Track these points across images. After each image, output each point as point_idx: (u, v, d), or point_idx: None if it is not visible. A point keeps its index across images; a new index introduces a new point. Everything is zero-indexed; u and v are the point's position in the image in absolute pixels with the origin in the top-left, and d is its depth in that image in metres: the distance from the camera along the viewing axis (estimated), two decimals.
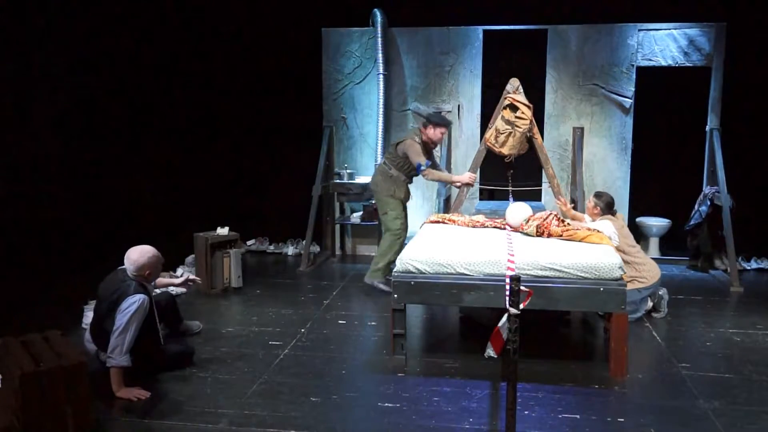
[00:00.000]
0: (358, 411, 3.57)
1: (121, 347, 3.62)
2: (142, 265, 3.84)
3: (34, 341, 3.34)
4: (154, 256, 3.92)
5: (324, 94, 7.35)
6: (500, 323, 2.94)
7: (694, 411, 3.55)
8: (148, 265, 3.87)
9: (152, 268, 3.91)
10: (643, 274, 5.01)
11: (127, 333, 3.63)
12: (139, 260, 3.84)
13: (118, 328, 3.62)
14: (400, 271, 4.11)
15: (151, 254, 3.90)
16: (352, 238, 7.56)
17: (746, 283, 6.17)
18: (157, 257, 3.94)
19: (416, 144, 5.69)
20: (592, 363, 4.29)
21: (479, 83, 7.03)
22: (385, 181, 5.86)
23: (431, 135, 5.72)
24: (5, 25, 5.62)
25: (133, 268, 3.84)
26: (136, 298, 3.70)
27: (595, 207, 5.18)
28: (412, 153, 5.66)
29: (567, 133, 6.87)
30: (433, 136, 5.72)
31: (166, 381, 3.89)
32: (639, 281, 4.99)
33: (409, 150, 5.68)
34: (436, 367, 4.14)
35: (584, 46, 6.85)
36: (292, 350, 4.44)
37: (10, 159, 5.75)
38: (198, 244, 5.90)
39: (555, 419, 3.43)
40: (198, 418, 3.44)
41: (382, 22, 6.92)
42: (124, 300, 3.70)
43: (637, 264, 5.04)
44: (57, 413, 3.03)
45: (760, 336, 4.75)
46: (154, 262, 3.92)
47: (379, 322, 5.00)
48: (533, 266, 3.95)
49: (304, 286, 6.19)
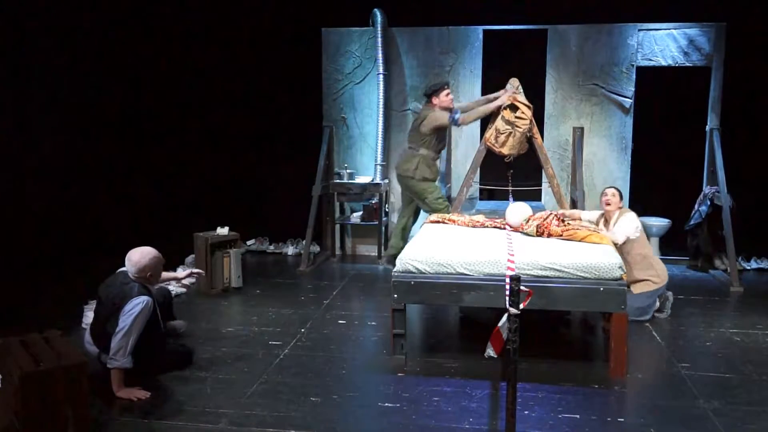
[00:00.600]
0: (358, 411, 3.57)
1: (125, 349, 3.62)
2: (144, 266, 3.83)
3: (34, 341, 3.33)
4: (155, 257, 3.91)
5: (324, 94, 7.35)
6: (500, 323, 2.94)
7: (694, 411, 3.55)
8: (150, 266, 3.86)
9: (154, 270, 3.90)
10: (658, 272, 5.01)
11: (130, 335, 3.63)
12: (141, 262, 3.83)
13: (122, 330, 3.61)
14: (400, 271, 4.11)
15: (152, 255, 3.89)
16: (352, 238, 7.55)
17: (746, 283, 6.17)
18: (158, 258, 3.93)
19: (437, 112, 5.79)
20: (592, 363, 4.29)
21: (479, 83, 7.03)
22: (416, 166, 5.89)
23: (443, 101, 5.83)
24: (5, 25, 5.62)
25: (134, 270, 3.83)
26: (141, 300, 3.69)
27: (620, 201, 5.14)
28: (441, 118, 5.76)
29: (567, 133, 6.87)
30: (444, 100, 5.83)
31: (166, 381, 3.88)
32: (654, 281, 4.98)
33: (436, 120, 5.78)
34: (436, 367, 4.14)
35: (584, 46, 6.85)
36: (292, 350, 4.44)
37: (10, 159, 5.75)
38: (198, 244, 5.90)
39: (555, 419, 3.43)
40: (198, 418, 3.44)
41: (382, 22, 6.92)
42: (128, 302, 3.69)
43: (654, 262, 5.05)
44: (57, 413, 3.03)
45: (760, 336, 4.75)
46: (155, 263, 3.91)
47: (379, 322, 5.00)
48: (533, 266, 3.95)
49: (304, 286, 6.19)
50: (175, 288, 5.84)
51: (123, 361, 3.62)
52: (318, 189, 6.79)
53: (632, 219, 4.99)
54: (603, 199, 5.20)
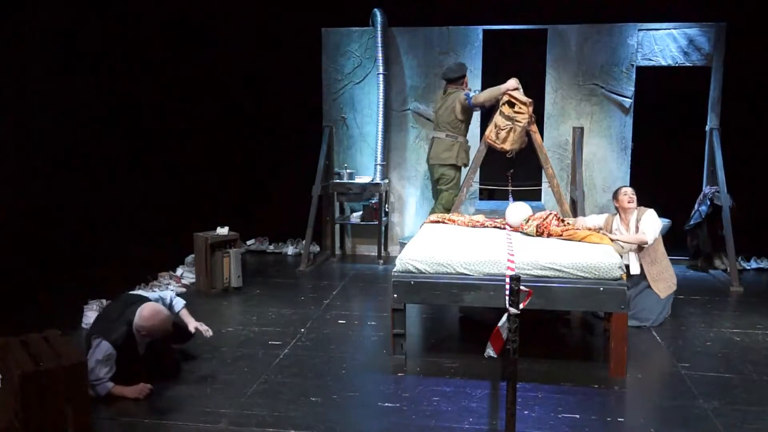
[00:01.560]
0: (358, 411, 3.57)
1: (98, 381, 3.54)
2: (145, 327, 3.69)
3: (34, 341, 3.33)
4: (160, 328, 3.72)
5: (324, 94, 7.35)
6: (500, 323, 2.94)
7: (694, 411, 3.55)
8: (149, 329, 3.70)
9: (151, 333, 3.73)
10: (672, 274, 5.00)
11: (95, 373, 3.53)
12: (147, 322, 3.68)
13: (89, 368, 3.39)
14: (400, 270, 4.11)
15: (159, 322, 3.71)
16: (352, 237, 7.55)
17: (746, 283, 6.17)
18: (163, 330, 3.75)
19: (459, 93, 6.06)
20: (592, 363, 4.29)
21: (479, 83, 7.02)
22: (457, 153, 6.11)
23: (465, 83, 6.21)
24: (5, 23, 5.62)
25: (138, 321, 3.69)
26: (103, 348, 3.57)
27: (630, 200, 5.00)
28: (461, 98, 6.02)
29: (567, 133, 6.86)
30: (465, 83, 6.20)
31: (166, 381, 3.88)
32: (672, 285, 4.96)
33: (460, 102, 6.03)
34: (436, 366, 4.14)
35: (584, 46, 6.85)
36: (292, 350, 4.44)
37: (9, 159, 5.75)
38: (198, 244, 5.90)
39: (555, 419, 3.43)
40: (198, 418, 3.44)
41: (382, 22, 6.92)
42: (96, 339, 3.60)
43: (667, 265, 5.01)
44: (57, 413, 3.03)
45: (760, 336, 4.75)
46: (156, 331, 3.73)
47: (379, 322, 5.00)
48: (533, 266, 3.95)
49: (304, 286, 6.19)
50: (174, 288, 5.85)
51: (100, 390, 3.56)
52: (318, 189, 6.79)
53: (655, 216, 4.92)
54: (624, 198, 5.01)
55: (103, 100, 6.78)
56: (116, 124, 6.98)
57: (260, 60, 7.47)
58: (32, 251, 5.88)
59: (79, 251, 6.21)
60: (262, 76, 7.52)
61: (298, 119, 7.47)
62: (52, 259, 6.00)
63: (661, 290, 4.90)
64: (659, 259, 4.95)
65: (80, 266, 5.93)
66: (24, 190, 5.87)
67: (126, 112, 7.09)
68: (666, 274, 4.95)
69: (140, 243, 6.65)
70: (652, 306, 4.89)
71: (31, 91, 6.01)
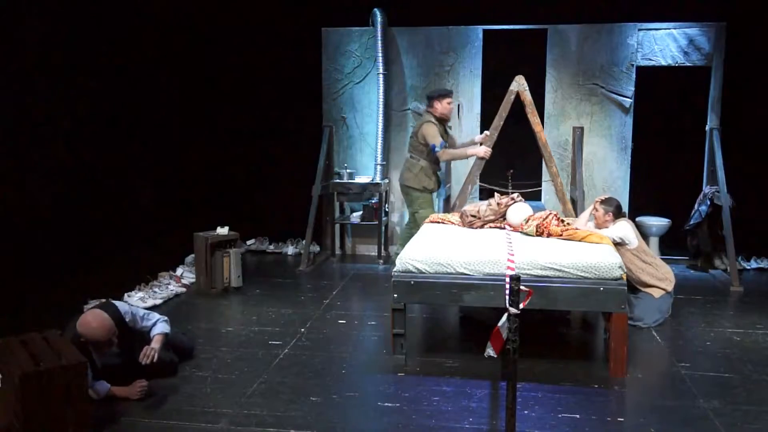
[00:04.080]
0: (358, 411, 3.57)
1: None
2: (81, 333, 3.47)
3: (34, 341, 3.33)
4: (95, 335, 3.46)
5: (324, 94, 7.35)
6: (500, 323, 2.94)
7: (694, 411, 3.55)
8: (86, 335, 3.47)
9: (91, 340, 3.48)
10: (666, 275, 4.99)
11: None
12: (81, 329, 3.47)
13: None
14: (400, 270, 4.11)
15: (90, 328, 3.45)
16: (352, 237, 7.55)
17: (746, 283, 6.17)
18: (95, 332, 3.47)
19: (432, 125, 5.81)
20: (592, 363, 4.29)
21: (479, 83, 7.03)
22: (416, 175, 5.93)
23: (440, 109, 5.86)
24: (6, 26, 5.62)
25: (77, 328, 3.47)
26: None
27: (606, 214, 4.97)
28: (429, 136, 5.79)
29: (567, 133, 6.86)
30: (442, 109, 5.86)
31: (166, 381, 3.88)
32: (667, 284, 4.96)
33: (426, 134, 5.80)
34: (436, 366, 4.14)
35: (584, 46, 6.85)
36: (292, 350, 4.44)
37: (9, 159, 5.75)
38: (198, 244, 5.90)
39: (555, 419, 3.43)
40: (198, 418, 3.44)
41: (382, 22, 6.92)
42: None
43: (658, 265, 5.01)
44: (57, 413, 3.03)
45: (760, 336, 4.75)
46: (91, 335, 3.47)
47: (379, 322, 5.00)
48: (533, 266, 3.95)
49: (304, 286, 6.19)
50: (174, 288, 5.85)
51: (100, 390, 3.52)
52: (318, 189, 6.79)
53: (626, 227, 4.91)
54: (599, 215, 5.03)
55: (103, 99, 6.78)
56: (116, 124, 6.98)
57: (260, 60, 7.47)
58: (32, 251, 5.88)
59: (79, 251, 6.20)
60: (262, 75, 7.52)
61: (298, 119, 7.47)
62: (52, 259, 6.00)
63: (653, 293, 4.93)
64: (642, 268, 4.93)
65: (80, 266, 5.93)
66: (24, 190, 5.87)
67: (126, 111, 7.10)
68: (653, 279, 4.94)
69: (140, 243, 6.65)
70: (644, 305, 4.90)
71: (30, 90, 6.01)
